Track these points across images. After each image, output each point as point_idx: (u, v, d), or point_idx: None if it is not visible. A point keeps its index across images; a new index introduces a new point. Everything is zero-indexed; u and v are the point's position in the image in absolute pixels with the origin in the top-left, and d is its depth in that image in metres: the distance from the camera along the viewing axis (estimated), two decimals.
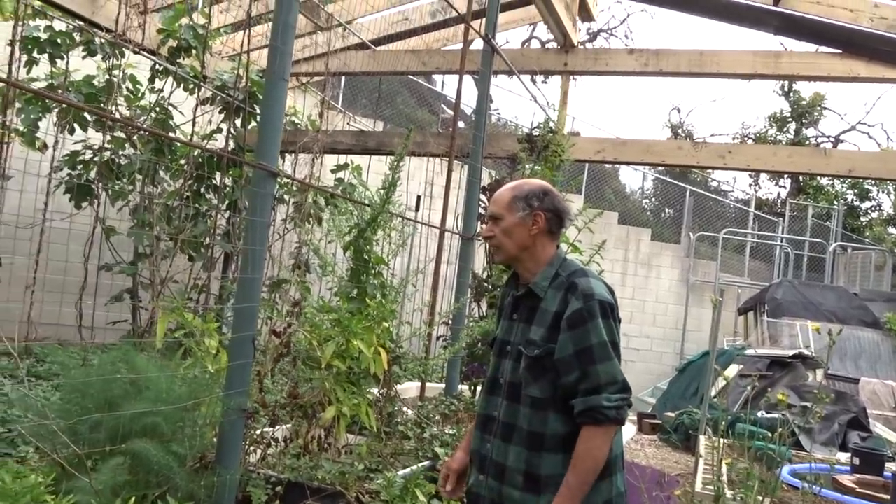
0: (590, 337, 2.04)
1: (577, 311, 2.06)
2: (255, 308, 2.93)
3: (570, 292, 2.10)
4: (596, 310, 2.05)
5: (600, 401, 2.00)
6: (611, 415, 2.00)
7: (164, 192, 7.28)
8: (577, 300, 2.07)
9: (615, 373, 2.04)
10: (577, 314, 2.06)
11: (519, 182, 2.29)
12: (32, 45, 6.39)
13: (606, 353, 2.04)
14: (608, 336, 2.05)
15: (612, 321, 2.09)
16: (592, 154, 7.56)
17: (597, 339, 2.04)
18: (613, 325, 2.09)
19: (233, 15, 7.83)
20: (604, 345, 2.04)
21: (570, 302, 2.08)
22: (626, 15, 23.25)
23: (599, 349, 2.03)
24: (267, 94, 3.09)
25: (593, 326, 2.04)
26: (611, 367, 2.04)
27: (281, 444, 3.36)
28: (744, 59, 7.21)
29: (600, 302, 2.07)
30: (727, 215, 16.67)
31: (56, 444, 2.64)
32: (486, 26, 5.64)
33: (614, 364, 2.05)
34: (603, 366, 2.03)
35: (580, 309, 2.06)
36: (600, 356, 2.03)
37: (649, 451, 8.14)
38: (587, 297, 2.07)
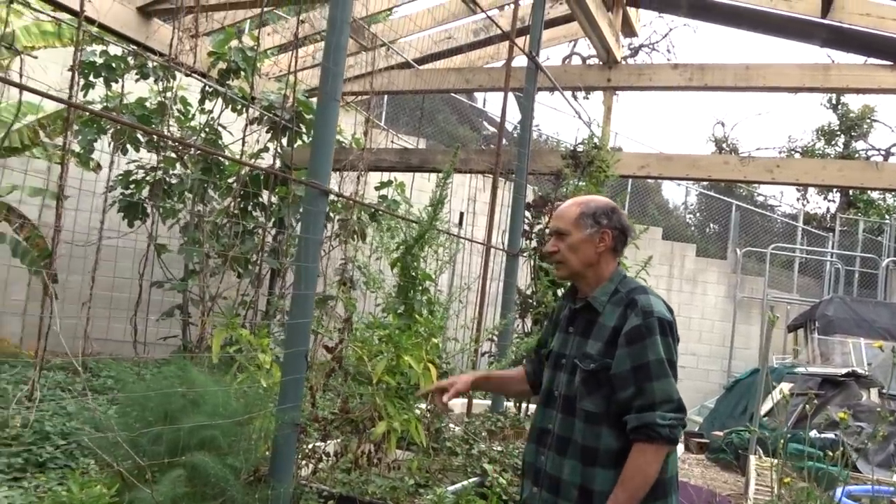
0: (647, 353, 2.03)
1: (635, 326, 2.06)
2: (308, 324, 2.98)
3: (630, 308, 2.09)
4: (655, 326, 2.05)
5: (654, 418, 1.98)
6: (664, 433, 1.98)
7: (213, 210, 7.45)
8: (637, 316, 2.07)
9: (671, 391, 2.02)
10: (635, 330, 2.05)
11: (584, 198, 2.29)
12: (89, 70, 6.63)
13: (663, 371, 2.02)
14: (666, 354, 2.04)
15: (671, 339, 2.07)
16: (637, 169, 7.51)
17: (654, 356, 2.03)
18: (672, 344, 2.07)
19: (282, 36, 8.01)
20: (661, 362, 2.03)
21: (630, 318, 2.08)
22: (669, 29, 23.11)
23: (656, 366, 2.02)
24: (319, 115, 3.15)
25: (651, 343, 2.03)
26: (667, 385, 2.02)
27: (332, 459, 3.39)
28: (791, 72, 7.10)
29: (659, 319, 2.06)
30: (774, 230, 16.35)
31: (117, 456, 2.71)
32: (531, 44, 5.68)
33: (671, 382, 2.03)
34: (659, 383, 2.01)
35: (639, 325, 2.05)
36: (657, 373, 2.02)
37: (697, 470, 7.99)
38: (647, 314, 2.06)
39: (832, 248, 15.33)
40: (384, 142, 9.81)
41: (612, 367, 2.07)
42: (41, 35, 6.86)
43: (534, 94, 5.78)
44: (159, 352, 7.02)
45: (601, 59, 7.73)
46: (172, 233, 7.49)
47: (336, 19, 3.15)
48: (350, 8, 3.18)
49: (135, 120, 6.89)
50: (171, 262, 7.49)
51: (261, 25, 7.37)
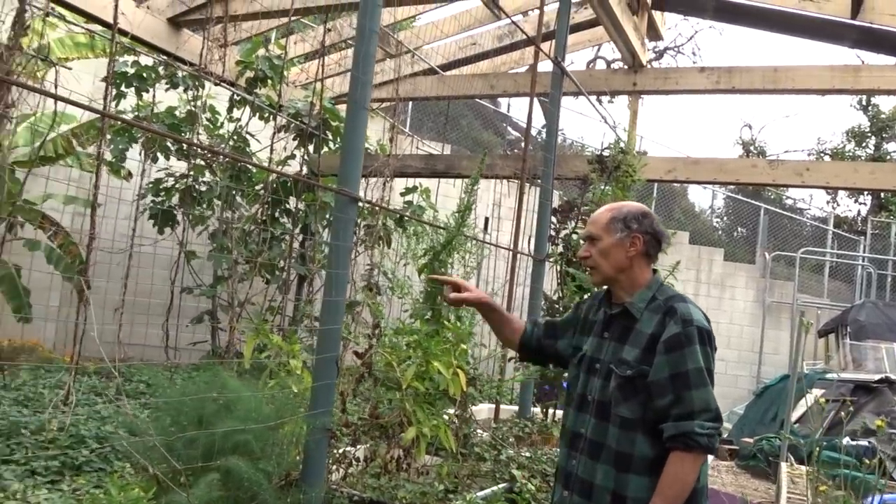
0: (686, 362, 2.03)
1: (675, 334, 2.06)
2: (338, 329, 3.01)
3: (669, 316, 2.09)
4: (694, 335, 2.05)
5: (693, 426, 1.98)
6: (702, 442, 1.98)
7: (241, 216, 7.54)
8: (676, 324, 2.07)
9: (709, 400, 2.02)
10: (674, 338, 2.05)
11: (617, 204, 2.30)
12: (121, 80, 6.75)
13: (702, 380, 2.02)
14: (705, 363, 2.04)
15: (709, 349, 2.08)
16: (663, 174, 7.46)
17: (693, 365, 2.03)
18: (710, 353, 2.07)
19: (310, 45, 8.09)
20: (700, 371, 2.03)
21: (668, 325, 2.08)
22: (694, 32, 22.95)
23: (695, 375, 2.02)
24: (348, 123, 3.18)
25: (690, 352, 2.04)
26: (705, 394, 2.02)
27: (361, 464, 3.42)
28: (820, 74, 7.01)
29: (699, 328, 2.06)
30: (804, 234, 16.11)
31: (152, 459, 2.76)
32: (556, 49, 5.68)
33: (709, 391, 2.03)
34: (698, 392, 2.01)
35: (678, 333, 2.05)
36: (696, 382, 2.02)
37: (726, 477, 7.90)
38: (686, 322, 2.06)
39: (864, 252, 15.07)
40: (409, 148, 9.85)
41: (649, 375, 2.07)
42: (75, 47, 7.01)
43: (559, 99, 5.78)
44: (190, 357, 7.12)
45: (626, 63, 7.70)
46: (201, 239, 7.60)
47: (364, 28, 3.19)
48: (378, 17, 3.21)
49: (165, 129, 7.00)
50: (201, 269, 7.60)
51: (288, 34, 7.46)
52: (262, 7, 6.43)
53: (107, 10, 5.30)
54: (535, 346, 2.47)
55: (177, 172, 7.37)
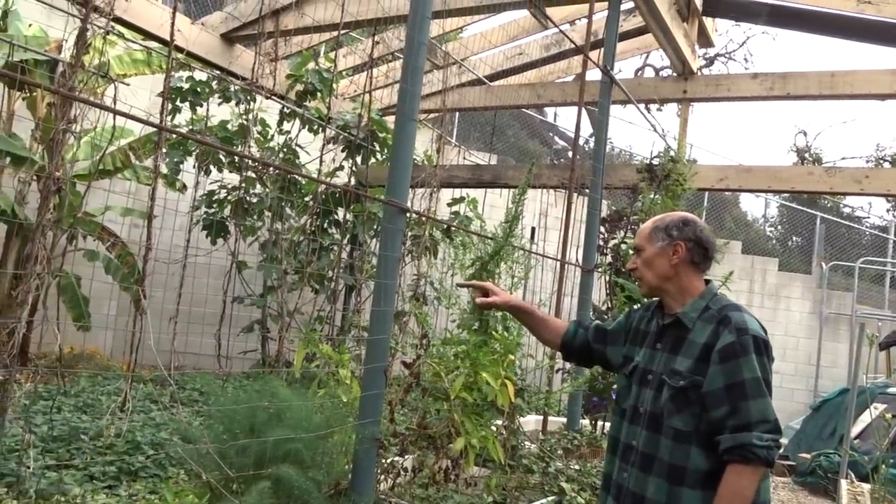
0: (742, 372, 1.98)
1: (729, 344, 2.01)
2: (387, 339, 3.02)
3: (723, 325, 2.05)
4: (750, 345, 2.00)
5: (751, 438, 1.93)
6: (762, 454, 1.92)
7: (290, 228, 7.65)
8: (731, 333, 2.02)
9: (768, 411, 1.97)
10: (729, 347, 2.01)
11: (663, 215, 2.29)
12: (176, 95, 6.94)
13: (759, 390, 1.97)
14: (762, 373, 1.99)
15: (766, 359, 2.02)
16: (715, 182, 7.32)
17: (750, 375, 1.98)
18: (767, 363, 2.02)
19: (359, 57, 8.19)
20: (757, 381, 1.97)
21: (722, 335, 2.03)
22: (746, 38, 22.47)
23: (752, 385, 1.97)
24: (397, 134, 3.21)
25: (746, 361, 1.98)
26: (763, 405, 1.97)
27: (409, 474, 3.42)
28: (880, 78, 6.80)
29: (755, 337, 2.01)
30: (862, 243, 15.60)
31: (205, 466, 2.81)
32: (605, 57, 5.64)
33: (767, 402, 1.97)
34: (755, 402, 1.96)
35: (733, 342, 2.01)
36: (753, 392, 1.96)
37: (783, 494, 7.68)
38: (741, 332, 2.01)
39: None
40: (456, 158, 9.88)
41: (703, 385, 2.02)
42: (132, 63, 7.23)
43: (608, 108, 5.72)
44: (240, 365, 7.24)
45: (676, 71, 7.59)
46: (252, 250, 7.73)
47: (413, 41, 3.21)
48: (427, 30, 3.23)
49: (218, 142, 7.17)
50: (251, 279, 7.73)
51: (337, 47, 7.57)
52: (313, 21, 6.54)
53: (164, 28, 5.46)
54: (580, 348, 2.46)
55: (229, 184, 7.53)
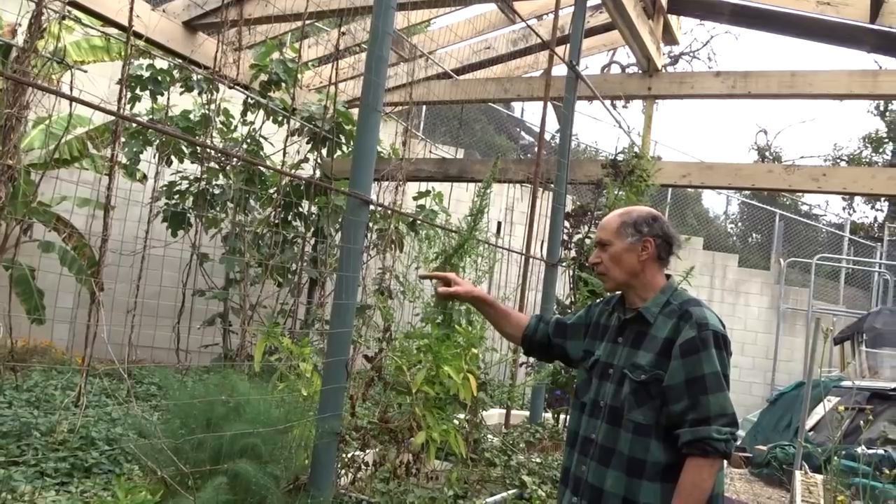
0: (702, 366, 2.00)
1: (690, 339, 2.03)
2: (349, 333, 2.99)
3: (684, 320, 2.06)
4: (710, 339, 2.02)
5: (710, 432, 1.95)
6: (720, 447, 1.95)
7: (254, 220, 7.55)
8: (692, 329, 2.03)
9: (726, 405, 1.99)
10: (690, 342, 2.02)
11: (627, 209, 2.27)
12: (136, 83, 6.79)
13: (718, 385, 1.99)
14: (721, 367, 2.01)
15: (725, 353, 2.05)
16: (678, 178, 7.41)
17: (710, 370, 2.00)
18: (726, 358, 2.04)
19: (324, 48, 8.10)
20: (716, 375, 2.00)
21: (683, 330, 2.04)
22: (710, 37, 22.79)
23: (712, 379, 1.99)
24: (360, 125, 3.17)
25: (707, 356, 2.00)
26: (722, 399, 1.99)
27: (371, 468, 3.39)
28: (839, 78, 6.94)
29: (714, 332, 2.03)
30: (819, 240, 15.96)
31: (160, 462, 2.75)
32: (571, 53, 5.65)
33: (726, 396, 2.00)
34: (714, 397, 1.98)
35: (694, 337, 2.02)
36: (712, 387, 1.99)
37: (739, 485, 7.82)
38: (702, 327, 2.03)
39: (880, 259, 14.90)
40: (422, 152, 9.85)
41: (664, 379, 2.04)
42: (91, 50, 7.06)
43: (573, 104, 5.74)
44: (201, 359, 7.13)
45: (641, 68, 7.65)
46: (214, 242, 7.62)
47: (378, 31, 3.17)
48: (392, 20, 3.20)
49: (179, 132, 7.03)
50: (213, 272, 7.61)
51: (302, 38, 7.47)
52: (275, 11, 6.44)
53: (122, 14, 5.34)
54: (540, 342, 2.45)
55: (191, 175, 7.40)
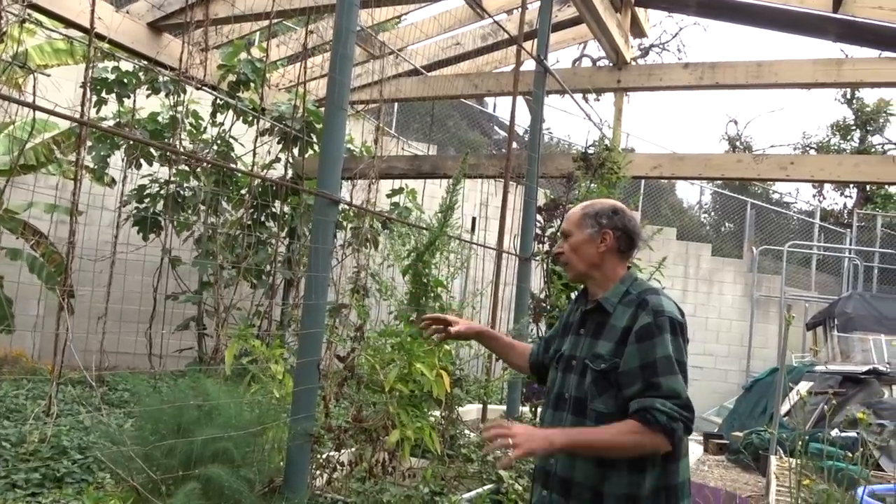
0: (656, 351, 2.01)
1: (646, 325, 2.04)
2: (320, 333, 2.98)
3: (641, 308, 2.08)
4: (665, 325, 2.03)
5: (654, 402, 1.95)
6: (661, 419, 1.93)
7: (226, 221, 7.49)
8: (647, 315, 2.05)
9: (679, 388, 1.99)
10: (645, 328, 2.04)
11: (592, 201, 2.31)
12: (101, 86, 6.69)
13: (671, 368, 1.99)
14: (675, 352, 2.01)
15: (681, 339, 2.06)
16: (649, 170, 7.47)
17: (663, 353, 2.00)
18: (682, 344, 2.06)
19: (290, 47, 8.05)
20: (669, 359, 2.00)
21: (640, 317, 2.06)
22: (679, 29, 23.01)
23: (664, 363, 2.00)
24: (327, 124, 3.16)
25: (661, 341, 2.01)
26: (675, 382, 1.99)
27: (346, 468, 3.39)
28: (804, 68, 7.03)
29: (670, 318, 2.05)
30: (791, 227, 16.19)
31: (131, 469, 2.72)
32: (538, 47, 5.67)
33: (679, 380, 2.00)
34: (666, 379, 1.98)
35: (649, 323, 2.04)
36: (665, 370, 1.99)
37: (717, 471, 7.92)
38: (657, 313, 2.05)
39: (850, 245, 15.15)
40: (395, 149, 9.82)
41: (620, 366, 2.05)
42: (54, 53, 6.95)
43: (543, 98, 5.76)
44: (176, 364, 7.06)
45: (611, 61, 7.70)
46: (187, 245, 7.54)
47: (342, 29, 3.16)
48: (356, 18, 3.18)
49: (147, 135, 6.94)
50: (187, 275, 7.54)
51: (270, 37, 7.41)
52: (242, 11, 6.38)
53: (84, 15, 5.24)
54: (539, 365, 2.47)
55: (161, 178, 7.31)
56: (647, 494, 2.01)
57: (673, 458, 2.04)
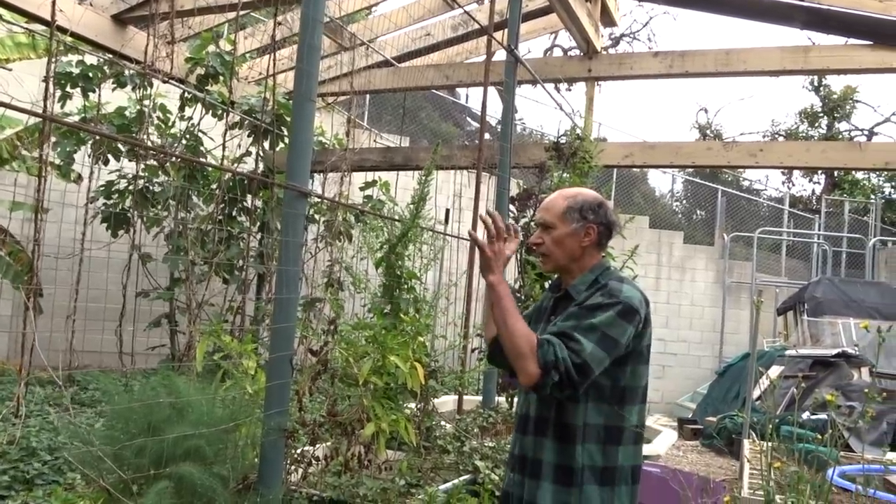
0: (589, 316, 2.00)
1: (595, 301, 2.05)
2: (291, 327, 2.95)
3: (600, 290, 2.09)
4: (613, 305, 2.02)
5: (560, 342, 1.95)
6: (548, 357, 1.92)
7: (197, 217, 7.39)
8: (601, 296, 2.06)
9: (586, 349, 1.95)
10: (594, 303, 2.04)
11: (572, 191, 2.26)
12: (65, 80, 6.56)
13: (592, 333, 1.97)
14: (606, 327, 1.99)
15: (626, 323, 2.02)
16: (621, 159, 7.51)
17: (592, 319, 1.99)
18: (624, 326, 2.01)
19: (258, 40, 7.95)
20: (594, 326, 1.98)
21: (594, 296, 2.07)
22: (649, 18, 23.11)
23: (588, 327, 1.98)
24: (295, 116, 3.12)
25: (600, 313, 2.00)
26: (587, 344, 1.95)
27: (322, 463, 3.37)
28: (771, 55, 7.10)
29: (623, 302, 2.03)
30: (761, 214, 16.40)
31: (101, 470, 2.68)
32: (509, 37, 5.65)
33: (592, 346, 1.95)
34: (582, 336, 1.96)
35: (599, 302, 2.04)
36: (585, 330, 1.98)
37: (692, 456, 8.02)
38: (611, 296, 2.05)
39: (819, 230, 15.40)
40: (367, 141, 9.77)
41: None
42: (16, 47, 6.78)
43: (514, 88, 5.75)
44: (149, 362, 6.97)
45: (581, 50, 7.71)
46: (157, 241, 7.44)
47: (308, 19, 3.12)
48: (322, 7, 3.14)
49: (114, 130, 6.82)
50: (158, 272, 7.43)
51: (237, 29, 7.31)
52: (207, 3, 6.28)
53: (45, 7, 5.11)
54: None
55: (129, 174, 7.19)
56: (582, 469, 2.03)
57: (613, 441, 2.06)
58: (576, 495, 2.02)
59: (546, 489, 2.06)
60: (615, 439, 2.07)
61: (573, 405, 2.05)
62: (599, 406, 2.06)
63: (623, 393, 2.09)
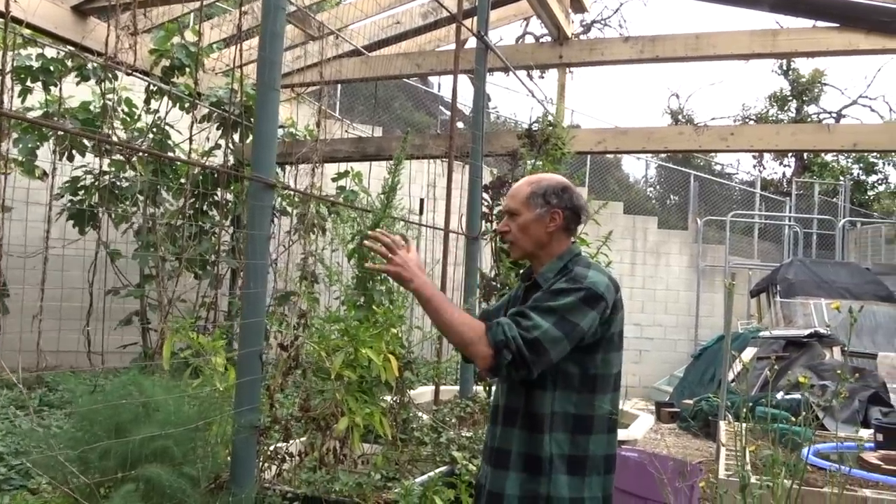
0: (551, 300, 2.00)
1: (558, 287, 2.04)
2: (261, 322, 2.89)
3: (565, 276, 2.08)
4: (577, 290, 2.01)
5: (507, 322, 1.97)
6: (498, 336, 1.94)
7: (166, 212, 7.26)
8: (566, 282, 2.05)
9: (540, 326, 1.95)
10: (557, 287, 2.04)
11: (537, 177, 2.25)
12: (25, 75, 6.38)
13: (549, 314, 1.97)
14: (567, 312, 1.98)
15: (589, 309, 2.00)
16: (593, 145, 7.50)
17: (551, 302, 2.00)
18: (586, 312, 2.00)
19: (224, 30, 7.81)
20: (552, 309, 1.98)
21: (558, 281, 2.07)
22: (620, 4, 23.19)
23: (546, 308, 1.99)
24: (259, 106, 3.05)
25: (563, 297, 2.00)
26: (541, 322, 1.95)
27: (296, 459, 3.32)
28: (740, 39, 7.12)
29: (587, 288, 2.02)
30: (733, 198, 16.55)
31: (67, 473, 2.61)
32: (479, 24, 5.60)
33: (547, 325, 1.95)
34: (537, 315, 1.97)
35: (562, 287, 2.04)
36: (542, 311, 1.98)
37: (669, 439, 8.08)
38: (575, 281, 2.04)
39: (790, 213, 15.58)
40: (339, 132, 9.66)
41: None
42: None
43: (485, 75, 5.70)
44: (120, 360, 6.85)
45: (552, 37, 7.68)
46: (126, 238, 7.29)
47: (270, 5, 3.04)
48: None
49: (78, 124, 6.66)
50: (128, 269, 7.29)
51: (202, 19, 7.16)
52: None
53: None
54: None
55: (95, 170, 7.04)
56: (551, 458, 2.02)
57: (584, 429, 2.05)
58: (545, 484, 2.01)
59: (513, 479, 2.04)
60: (585, 428, 2.05)
61: (541, 393, 2.04)
62: (568, 394, 2.04)
63: (594, 382, 2.06)
